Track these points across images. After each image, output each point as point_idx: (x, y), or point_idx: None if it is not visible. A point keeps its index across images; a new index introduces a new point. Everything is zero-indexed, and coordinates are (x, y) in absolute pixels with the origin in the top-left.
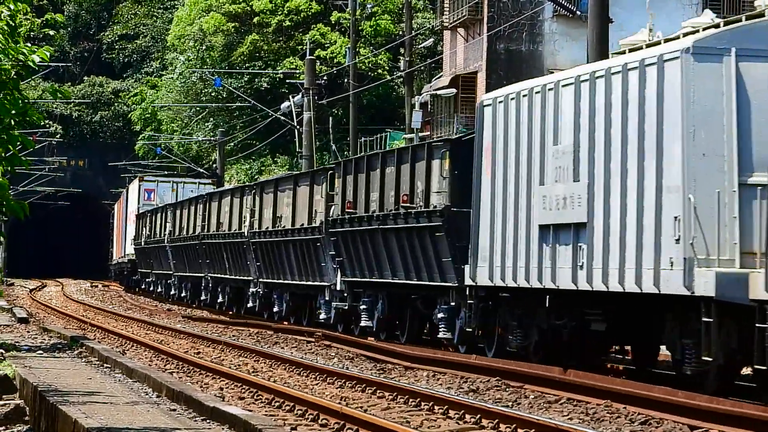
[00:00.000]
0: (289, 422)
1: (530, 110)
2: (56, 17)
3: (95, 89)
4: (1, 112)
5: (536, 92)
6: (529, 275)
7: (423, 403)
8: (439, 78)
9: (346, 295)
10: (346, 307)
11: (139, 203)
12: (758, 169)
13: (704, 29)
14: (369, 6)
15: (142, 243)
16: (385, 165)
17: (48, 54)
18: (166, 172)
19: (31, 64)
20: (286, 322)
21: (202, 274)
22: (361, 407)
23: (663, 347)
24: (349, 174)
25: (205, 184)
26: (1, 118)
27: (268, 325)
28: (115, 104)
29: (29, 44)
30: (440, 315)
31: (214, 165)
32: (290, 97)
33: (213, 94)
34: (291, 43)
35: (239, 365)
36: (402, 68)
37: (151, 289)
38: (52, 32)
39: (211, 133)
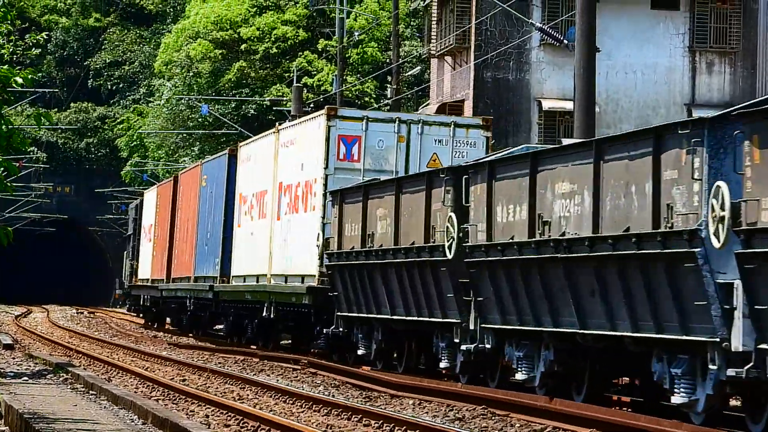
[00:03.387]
0: None
1: None
2: (38, 37)
3: (82, 115)
4: None
5: None
6: None
7: (408, 431)
8: (426, 106)
9: (486, 337)
10: (485, 350)
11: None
12: None
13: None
14: (356, 33)
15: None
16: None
17: (31, 77)
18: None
19: (14, 84)
20: (370, 368)
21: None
22: None
23: None
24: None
25: None
26: None
27: (254, 353)
28: (102, 130)
29: (15, 67)
30: None
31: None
32: (277, 124)
33: (200, 121)
34: (278, 70)
35: (225, 392)
36: (389, 96)
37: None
38: (35, 51)
39: (200, 158)
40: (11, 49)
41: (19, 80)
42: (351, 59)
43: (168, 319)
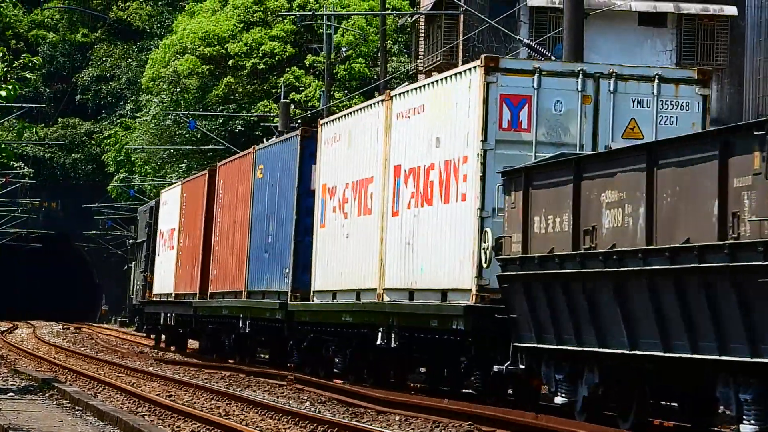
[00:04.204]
0: None
1: None
2: (33, 60)
3: (69, 131)
4: None
5: None
6: None
7: None
8: None
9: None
10: None
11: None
12: None
13: None
14: (344, 49)
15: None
16: None
17: (13, 90)
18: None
19: None
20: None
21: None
22: None
23: None
24: None
25: None
26: None
27: (240, 368)
28: (89, 146)
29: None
30: None
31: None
32: (264, 139)
33: (187, 136)
34: (265, 86)
35: (211, 408)
36: None
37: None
38: (29, 75)
39: (185, 175)
40: (4, 69)
41: (2, 93)
42: (338, 75)
43: (197, 343)
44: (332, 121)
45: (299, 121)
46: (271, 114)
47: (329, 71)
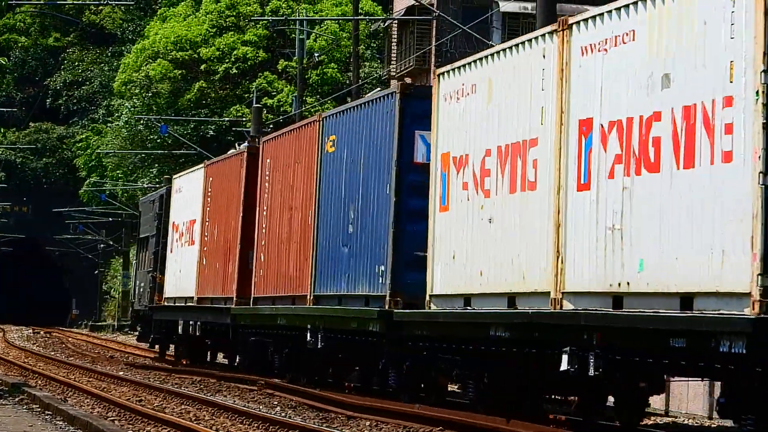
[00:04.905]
0: None
1: None
2: (1, 60)
3: (40, 135)
4: None
5: None
6: None
7: None
8: None
9: None
10: None
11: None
12: None
13: None
14: (316, 55)
15: None
16: None
17: None
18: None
19: None
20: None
21: None
22: None
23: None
24: None
25: None
26: None
27: (211, 373)
28: (60, 150)
29: None
30: None
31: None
32: (236, 144)
33: (159, 141)
34: (238, 90)
35: (182, 413)
36: None
37: None
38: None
39: (156, 180)
40: None
41: None
42: (311, 80)
43: (220, 355)
44: (457, 69)
45: (271, 126)
46: (244, 119)
47: (302, 76)
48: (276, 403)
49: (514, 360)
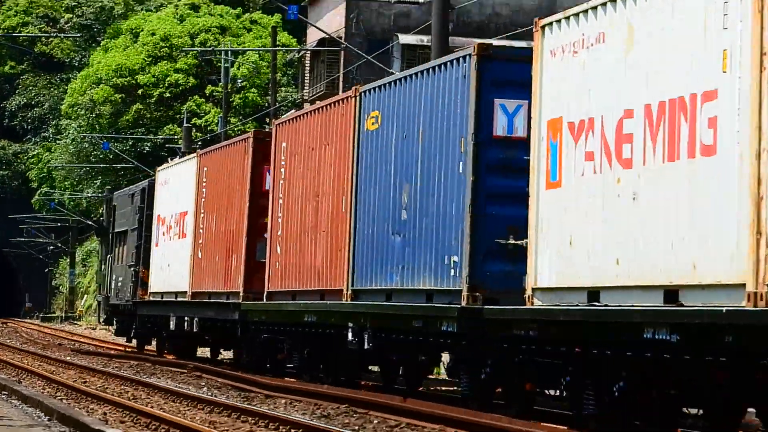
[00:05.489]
0: None
1: None
2: None
3: None
4: None
5: None
6: None
7: (282, 427)
8: None
9: None
10: None
11: None
12: None
13: None
14: (239, 81)
15: None
16: None
17: None
18: (59, 224)
19: None
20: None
21: None
22: (227, 430)
23: None
24: None
25: None
26: None
27: (146, 358)
28: (15, 164)
29: None
30: None
31: (101, 218)
32: (168, 159)
33: (101, 156)
34: (170, 112)
35: (121, 393)
36: None
37: None
38: None
39: (99, 190)
40: None
41: None
42: (234, 103)
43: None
44: (574, 16)
45: (199, 143)
46: (176, 137)
47: (226, 100)
48: (203, 384)
49: (678, 369)
